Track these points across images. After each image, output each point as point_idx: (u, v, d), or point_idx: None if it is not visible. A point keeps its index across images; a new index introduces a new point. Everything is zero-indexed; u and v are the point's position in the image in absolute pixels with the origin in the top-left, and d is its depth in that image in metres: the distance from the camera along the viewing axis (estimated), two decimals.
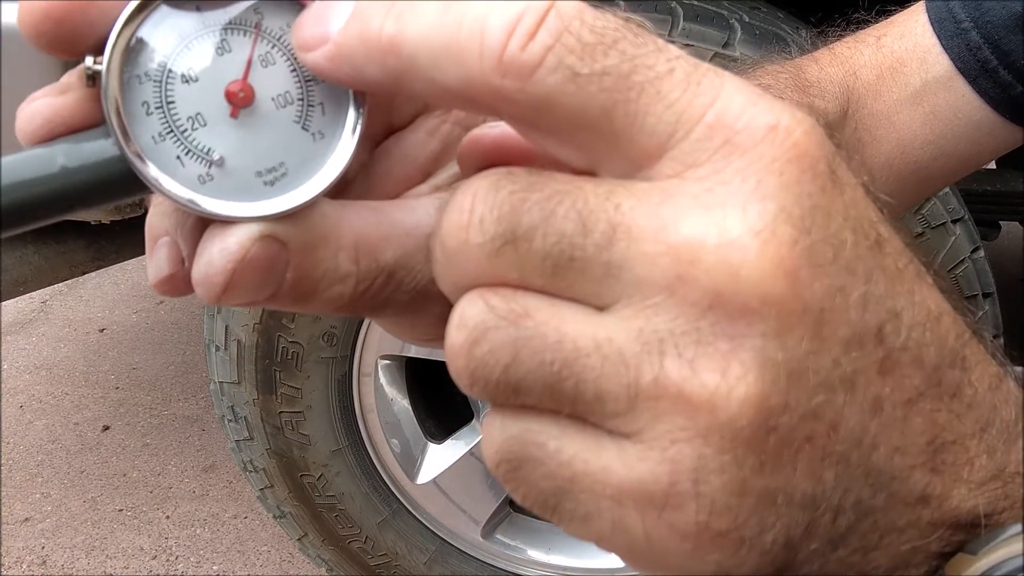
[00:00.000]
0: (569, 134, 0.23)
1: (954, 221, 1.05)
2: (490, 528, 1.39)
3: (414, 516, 1.36)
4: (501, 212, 0.23)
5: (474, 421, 1.35)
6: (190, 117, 0.27)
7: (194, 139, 0.27)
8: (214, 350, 1.24)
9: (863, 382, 0.22)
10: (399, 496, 1.35)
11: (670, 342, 0.22)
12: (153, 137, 0.27)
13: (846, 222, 0.22)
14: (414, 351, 1.27)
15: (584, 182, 0.23)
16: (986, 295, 1.08)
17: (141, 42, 0.27)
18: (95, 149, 0.27)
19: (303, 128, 0.28)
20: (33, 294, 2.01)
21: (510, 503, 1.40)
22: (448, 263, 0.24)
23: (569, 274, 0.22)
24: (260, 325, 1.19)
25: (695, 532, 0.22)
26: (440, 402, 1.40)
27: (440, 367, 1.32)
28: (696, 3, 1.04)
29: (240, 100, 0.28)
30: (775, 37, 1.04)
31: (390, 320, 0.33)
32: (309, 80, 0.28)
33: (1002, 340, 1.11)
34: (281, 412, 1.25)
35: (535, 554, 1.40)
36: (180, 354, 2.38)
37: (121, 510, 1.85)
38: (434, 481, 1.34)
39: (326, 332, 1.20)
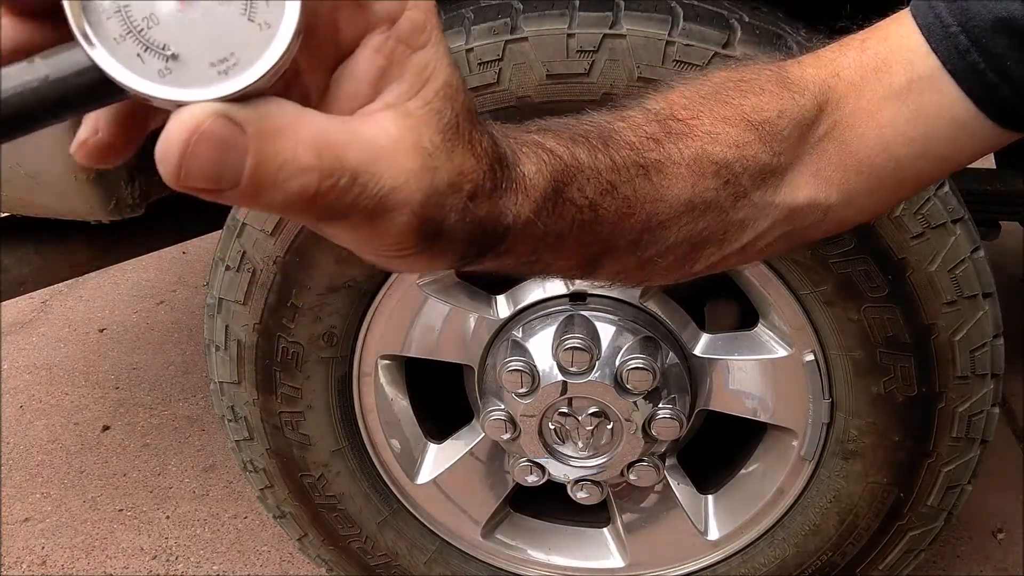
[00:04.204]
0: None
1: (954, 221, 1.05)
2: (490, 528, 1.39)
3: (414, 516, 1.36)
4: None
5: (474, 421, 1.35)
6: (144, 18, 0.30)
7: (150, 37, 0.30)
8: (214, 350, 1.24)
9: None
10: (399, 496, 1.35)
11: None
12: (115, 39, 0.30)
13: None
14: (414, 351, 1.27)
15: None
16: (986, 295, 1.08)
17: None
18: (71, 59, 0.30)
19: (249, 19, 0.31)
20: (33, 294, 2.01)
21: (510, 503, 1.41)
22: None
23: None
24: (260, 325, 1.19)
25: None
26: (440, 402, 1.40)
27: (440, 367, 1.32)
28: (696, 3, 1.04)
29: None
30: (775, 37, 1.04)
31: (353, 232, 0.35)
32: None
33: (1002, 340, 1.11)
34: (281, 412, 1.25)
35: (535, 554, 1.40)
36: (180, 354, 2.38)
37: (121, 510, 1.85)
38: (434, 481, 1.34)
39: (326, 332, 1.20)
